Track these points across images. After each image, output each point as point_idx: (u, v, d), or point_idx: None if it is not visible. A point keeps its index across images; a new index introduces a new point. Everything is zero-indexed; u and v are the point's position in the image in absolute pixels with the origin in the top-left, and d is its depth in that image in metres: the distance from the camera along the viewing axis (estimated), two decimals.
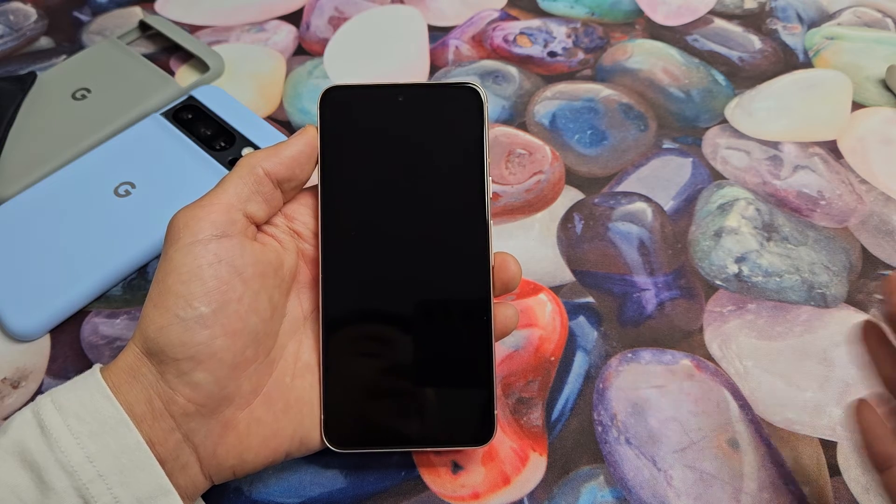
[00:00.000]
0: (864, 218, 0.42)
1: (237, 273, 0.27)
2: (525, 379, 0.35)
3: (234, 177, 0.29)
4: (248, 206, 0.28)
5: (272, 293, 0.29)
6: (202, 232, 0.27)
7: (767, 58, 0.51)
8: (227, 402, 0.27)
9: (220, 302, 0.26)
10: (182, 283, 0.26)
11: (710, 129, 0.46)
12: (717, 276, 0.39)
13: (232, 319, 0.27)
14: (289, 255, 0.30)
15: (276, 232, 0.30)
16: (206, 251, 0.27)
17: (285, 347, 0.30)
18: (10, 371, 0.36)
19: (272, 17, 0.54)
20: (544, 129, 0.46)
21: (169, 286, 0.26)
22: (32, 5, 0.55)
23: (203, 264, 0.26)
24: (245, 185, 0.28)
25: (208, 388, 0.26)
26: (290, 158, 0.29)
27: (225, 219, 0.27)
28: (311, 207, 0.31)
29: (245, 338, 0.27)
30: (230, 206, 0.28)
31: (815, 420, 0.34)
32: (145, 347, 0.26)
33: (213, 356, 0.26)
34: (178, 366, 0.26)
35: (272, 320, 0.29)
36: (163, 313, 0.26)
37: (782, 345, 0.37)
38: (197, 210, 0.28)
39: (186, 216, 0.27)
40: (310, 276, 0.31)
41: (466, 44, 0.52)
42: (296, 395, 0.29)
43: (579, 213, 0.42)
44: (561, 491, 0.32)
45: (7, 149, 0.43)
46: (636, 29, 0.53)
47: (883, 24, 0.54)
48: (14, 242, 0.38)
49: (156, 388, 0.26)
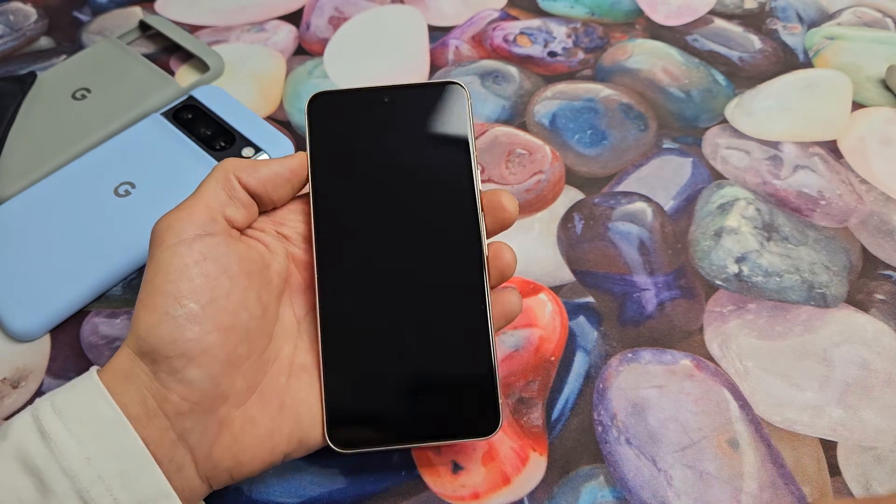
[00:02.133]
0: (864, 218, 0.42)
1: (223, 270, 0.27)
2: (525, 379, 0.35)
3: (211, 181, 0.29)
4: (226, 210, 0.29)
5: (260, 292, 0.29)
6: (186, 232, 0.27)
7: (767, 58, 0.51)
8: (221, 399, 0.27)
9: (208, 298, 0.27)
10: (170, 282, 0.26)
11: (710, 129, 0.46)
12: (718, 275, 0.39)
13: (222, 315, 0.27)
14: (277, 258, 0.30)
15: (262, 236, 0.30)
16: (192, 250, 0.27)
17: (280, 349, 0.30)
18: (10, 371, 0.36)
19: (272, 17, 0.54)
20: (544, 128, 0.46)
21: (157, 286, 0.26)
22: (32, 5, 0.55)
23: (189, 262, 0.27)
24: (221, 190, 0.29)
25: (201, 384, 0.26)
26: (265, 176, 0.30)
27: (206, 219, 0.28)
28: (302, 212, 0.32)
29: (237, 334, 0.27)
30: (210, 208, 0.28)
31: (815, 420, 0.34)
32: (137, 348, 0.26)
33: (204, 352, 0.26)
34: (171, 363, 0.26)
35: (263, 319, 0.29)
36: (152, 312, 0.26)
37: (782, 345, 0.37)
38: (178, 213, 0.28)
39: (169, 219, 0.28)
40: (302, 281, 0.31)
41: (466, 44, 0.52)
42: (291, 394, 0.29)
43: (579, 213, 0.42)
44: (561, 491, 0.32)
45: (7, 149, 0.43)
46: (636, 29, 0.53)
47: (883, 24, 0.54)
48: (14, 242, 0.38)
49: (149, 388, 0.26)
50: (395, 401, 0.29)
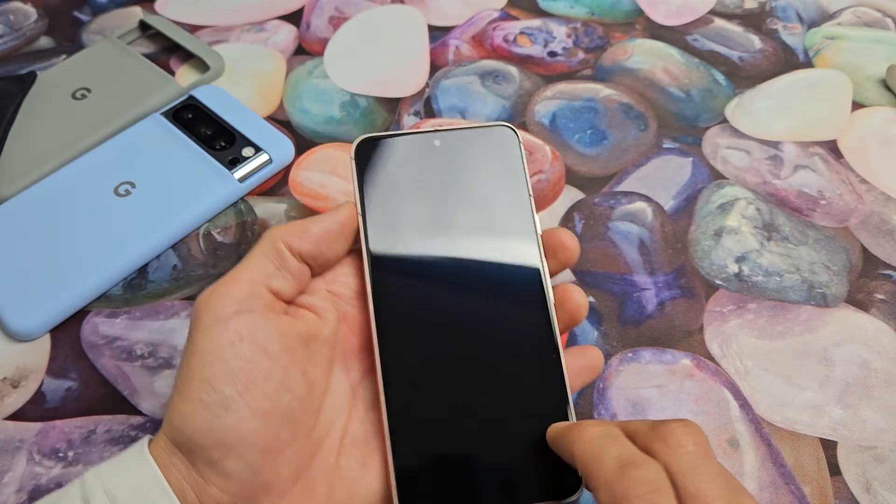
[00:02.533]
0: (865, 217, 0.42)
1: (262, 350, 0.25)
2: None
3: (258, 251, 0.27)
4: (272, 282, 0.27)
5: (306, 367, 0.27)
6: (223, 309, 0.25)
7: (767, 57, 0.51)
8: (264, 490, 0.25)
9: (245, 382, 0.25)
10: (205, 366, 0.25)
11: (711, 129, 0.46)
12: (718, 275, 0.39)
13: (259, 400, 0.25)
14: (328, 324, 0.28)
15: (312, 300, 0.28)
16: (227, 329, 0.25)
17: (332, 424, 0.27)
18: (10, 370, 0.36)
19: (272, 17, 0.54)
20: (544, 128, 0.46)
21: (193, 370, 0.25)
22: (32, 5, 0.55)
23: (224, 344, 0.25)
24: (269, 261, 0.27)
25: (241, 475, 0.24)
26: (317, 236, 0.28)
27: (247, 293, 0.26)
28: (352, 265, 0.30)
29: (277, 418, 0.25)
30: (253, 281, 0.26)
31: (815, 419, 0.34)
32: (173, 437, 0.25)
33: (242, 441, 0.24)
34: (207, 454, 0.24)
35: (310, 396, 0.27)
36: (187, 400, 0.25)
37: (782, 344, 0.37)
38: (219, 287, 0.26)
39: (208, 295, 0.26)
40: (355, 342, 0.29)
41: (466, 43, 0.52)
42: (341, 474, 0.27)
43: (579, 213, 0.42)
44: None
45: (7, 148, 0.43)
46: (636, 29, 0.53)
47: (883, 24, 0.54)
48: (14, 242, 0.38)
49: (188, 479, 0.24)
50: (469, 468, 0.27)
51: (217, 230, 0.41)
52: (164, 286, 0.39)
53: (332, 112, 0.47)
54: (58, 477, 0.32)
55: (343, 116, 0.47)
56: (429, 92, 0.48)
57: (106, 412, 0.34)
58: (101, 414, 0.34)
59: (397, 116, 0.47)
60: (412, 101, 0.48)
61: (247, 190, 0.42)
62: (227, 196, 0.41)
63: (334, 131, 0.46)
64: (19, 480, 0.32)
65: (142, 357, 0.36)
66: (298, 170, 0.44)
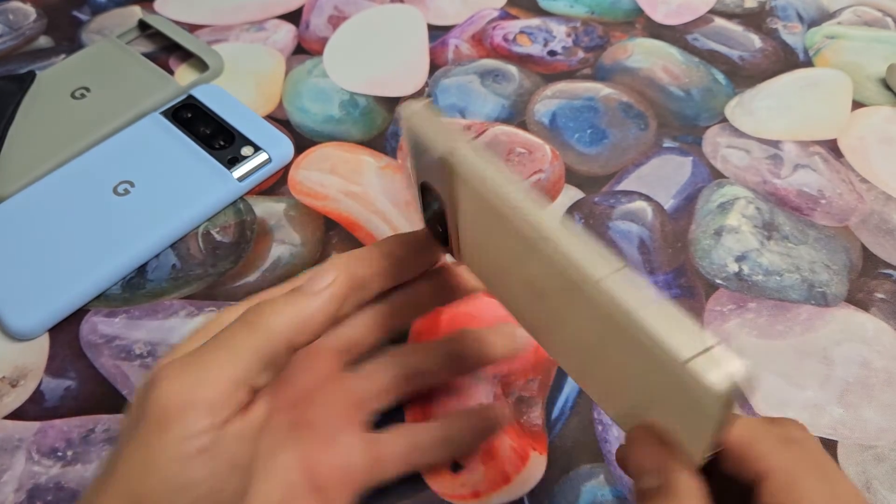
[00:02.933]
0: (865, 217, 0.42)
1: (232, 466, 0.23)
2: (525, 377, 0.35)
3: (250, 343, 0.23)
4: (257, 380, 0.23)
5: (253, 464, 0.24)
6: (196, 423, 0.22)
7: (768, 57, 0.51)
8: None
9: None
10: (172, 492, 0.21)
11: (711, 128, 0.46)
12: (718, 274, 0.39)
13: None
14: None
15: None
16: (198, 452, 0.22)
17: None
18: (9, 370, 0.36)
19: (271, 16, 0.54)
20: (544, 127, 0.46)
21: (151, 488, 0.21)
22: (32, 4, 0.55)
23: (185, 483, 0.22)
24: (258, 359, 0.23)
25: None
26: (322, 326, 0.24)
27: (224, 401, 0.22)
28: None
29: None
30: (237, 383, 0.23)
31: (815, 419, 0.34)
32: None
33: None
34: None
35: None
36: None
37: (783, 344, 0.37)
38: (194, 386, 0.22)
39: (181, 395, 0.22)
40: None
41: (466, 43, 0.52)
42: None
43: (579, 212, 0.42)
44: (561, 490, 0.32)
45: (6, 148, 0.43)
46: (636, 28, 0.53)
47: (883, 23, 0.54)
48: (13, 241, 0.38)
49: None
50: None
51: (216, 229, 0.41)
52: (163, 285, 0.39)
53: (331, 111, 0.47)
54: (56, 476, 0.32)
55: (342, 116, 0.47)
56: (428, 91, 0.48)
57: (105, 411, 0.34)
58: (99, 413, 0.34)
59: (397, 116, 0.47)
60: (412, 100, 0.48)
61: (246, 189, 0.42)
62: (227, 195, 0.41)
63: (334, 130, 0.46)
64: (18, 479, 0.32)
65: (141, 356, 0.36)
66: (298, 169, 0.44)
